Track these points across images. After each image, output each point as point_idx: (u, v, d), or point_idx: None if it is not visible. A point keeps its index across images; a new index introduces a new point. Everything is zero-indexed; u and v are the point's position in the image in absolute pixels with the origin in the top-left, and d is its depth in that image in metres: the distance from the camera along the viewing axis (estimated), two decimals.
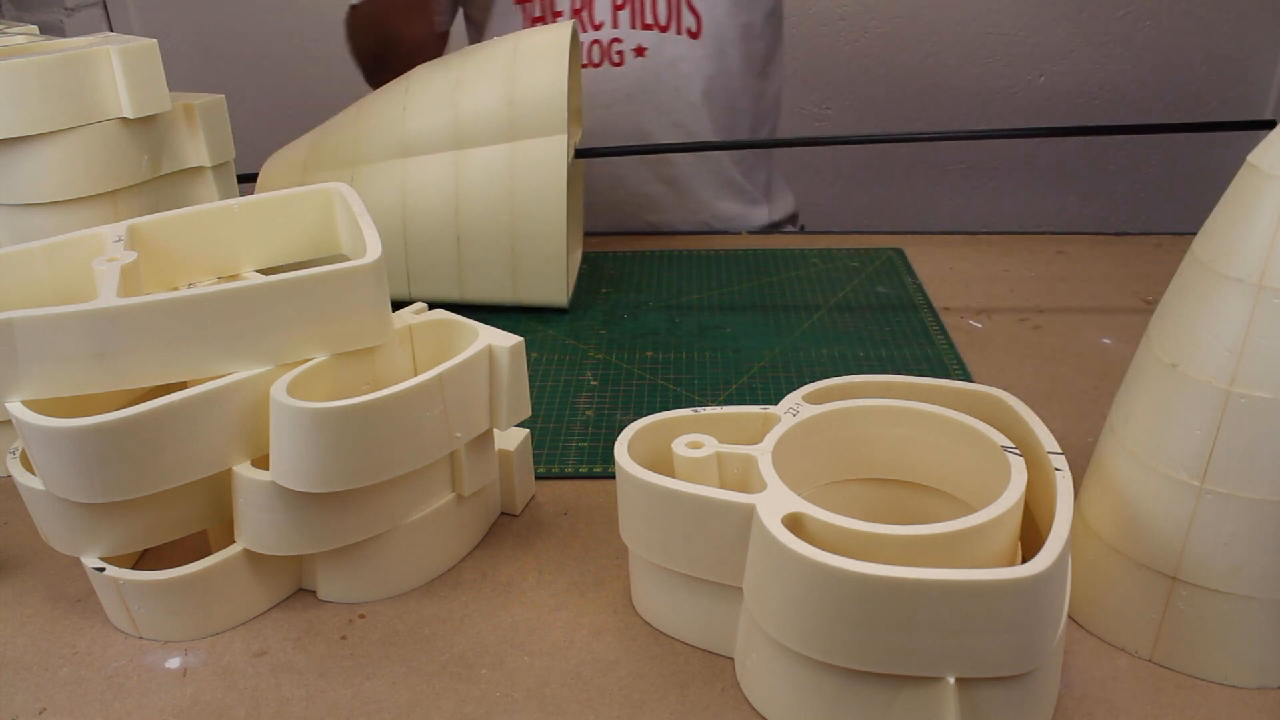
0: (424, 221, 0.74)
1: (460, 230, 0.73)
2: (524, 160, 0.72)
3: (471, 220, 0.73)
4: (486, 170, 0.72)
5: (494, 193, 0.72)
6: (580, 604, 0.48)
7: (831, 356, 0.71)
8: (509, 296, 0.76)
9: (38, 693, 0.43)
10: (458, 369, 0.46)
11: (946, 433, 0.45)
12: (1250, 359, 0.38)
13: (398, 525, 0.47)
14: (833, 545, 0.37)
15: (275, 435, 0.43)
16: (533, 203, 0.72)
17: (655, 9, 0.92)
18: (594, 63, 0.95)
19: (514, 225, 0.73)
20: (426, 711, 0.42)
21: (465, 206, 0.73)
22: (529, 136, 0.71)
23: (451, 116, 0.73)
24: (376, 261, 0.46)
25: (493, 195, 0.72)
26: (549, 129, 0.71)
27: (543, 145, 0.71)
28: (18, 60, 0.52)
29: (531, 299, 0.76)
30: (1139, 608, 0.43)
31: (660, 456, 0.45)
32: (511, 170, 0.72)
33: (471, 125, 0.72)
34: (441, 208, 0.73)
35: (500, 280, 0.75)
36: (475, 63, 0.74)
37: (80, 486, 0.42)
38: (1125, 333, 0.73)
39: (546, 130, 0.71)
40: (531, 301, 0.77)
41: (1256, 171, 0.38)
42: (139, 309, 0.43)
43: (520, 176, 0.72)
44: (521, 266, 0.74)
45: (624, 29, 0.92)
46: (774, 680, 0.40)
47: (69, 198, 0.55)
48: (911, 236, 0.93)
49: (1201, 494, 0.40)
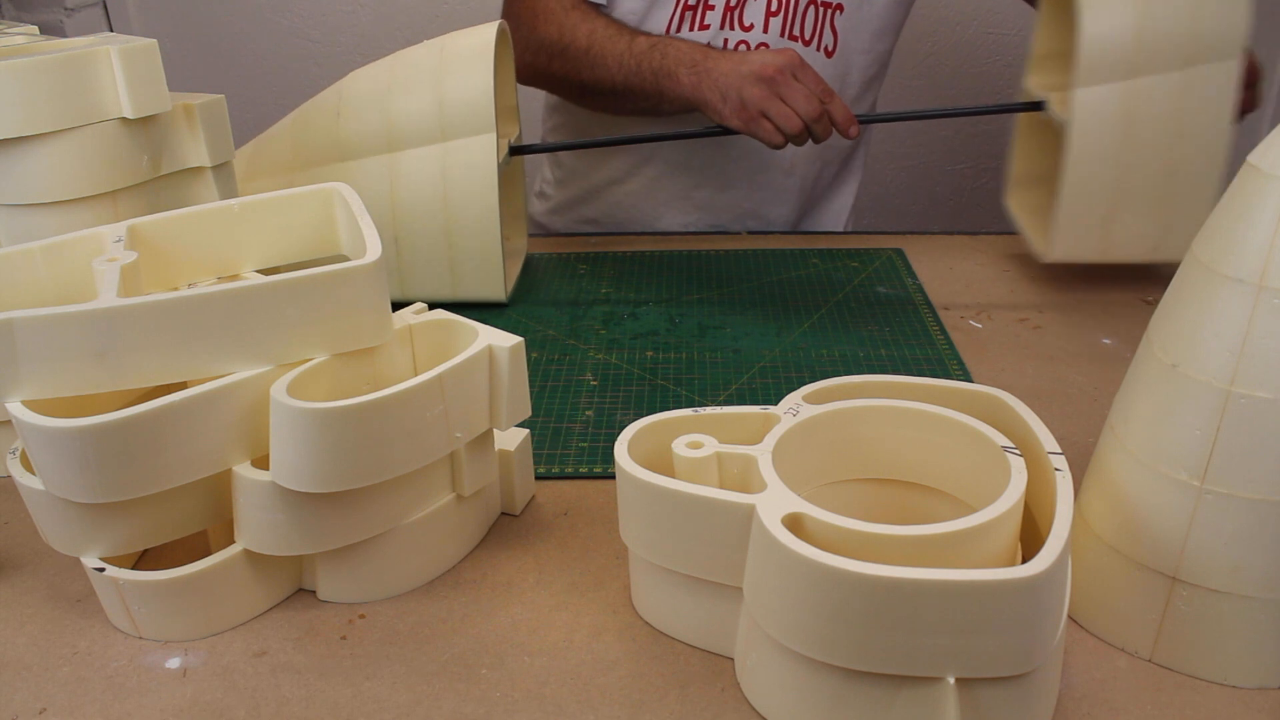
0: None
1: (398, 231, 0.75)
2: (456, 160, 0.73)
3: (408, 221, 0.75)
4: (420, 172, 0.74)
5: (428, 193, 0.74)
6: (580, 604, 0.48)
7: (831, 356, 0.71)
8: (448, 294, 0.77)
9: (38, 693, 0.43)
10: (458, 369, 0.46)
11: (946, 433, 0.45)
12: (1250, 359, 0.38)
13: (398, 525, 0.47)
14: (833, 545, 0.37)
15: (275, 435, 0.43)
16: (467, 202, 0.74)
17: (804, 22, 0.93)
18: None
19: (449, 224, 0.74)
20: (426, 711, 0.42)
21: (401, 208, 0.75)
22: (459, 137, 0.73)
23: (384, 120, 0.74)
24: (376, 261, 0.46)
25: (427, 196, 0.74)
26: (478, 129, 0.73)
27: (473, 145, 0.73)
28: (18, 60, 0.52)
29: (470, 295, 0.77)
30: (1139, 608, 0.43)
31: (660, 456, 0.45)
32: (444, 170, 0.73)
33: (404, 128, 0.74)
34: (378, 210, 0.75)
35: (439, 278, 0.77)
36: (405, 66, 0.76)
37: (80, 486, 0.42)
38: (1125, 333, 0.73)
39: (476, 130, 0.73)
40: (471, 298, 0.78)
41: (1257, 171, 0.38)
42: (139, 309, 0.43)
43: (453, 176, 0.73)
44: (459, 264, 0.76)
45: (773, 35, 0.93)
46: (774, 680, 0.40)
47: (69, 198, 0.55)
48: (911, 236, 0.93)
49: (1201, 494, 0.40)
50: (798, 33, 0.94)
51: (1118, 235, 0.73)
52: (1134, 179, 0.71)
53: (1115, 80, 0.69)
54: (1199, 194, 0.71)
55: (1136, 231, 0.73)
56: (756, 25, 0.93)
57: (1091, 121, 0.70)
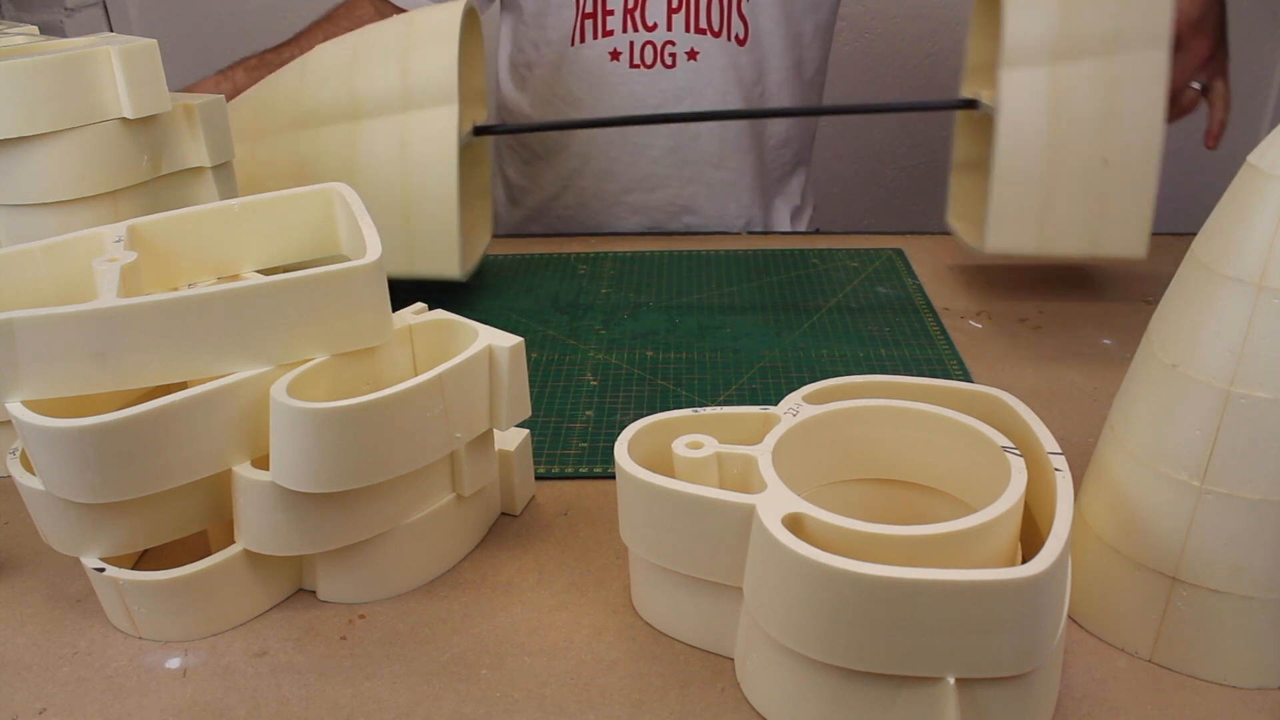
0: None
1: None
2: (416, 132, 0.73)
3: (366, 191, 0.73)
4: (381, 142, 0.73)
5: (388, 164, 0.73)
6: (580, 604, 0.48)
7: (831, 356, 0.71)
8: (405, 269, 0.76)
9: (38, 693, 0.43)
10: (458, 369, 0.46)
11: (946, 433, 0.45)
12: (1250, 359, 0.38)
13: (398, 525, 0.47)
14: (833, 545, 0.37)
15: (275, 435, 0.43)
16: (425, 174, 0.73)
17: (709, 14, 0.92)
18: (646, 64, 0.95)
19: (408, 197, 0.73)
20: (426, 711, 0.42)
21: (360, 178, 0.73)
22: (421, 108, 0.73)
23: (347, 91, 0.74)
24: (376, 261, 0.46)
25: (387, 167, 0.73)
26: (440, 100, 0.72)
27: (434, 116, 0.72)
28: (18, 60, 0.52)
29: (426, 271, 0.76)
30: (1139, 608, 0.43)
31: (660, 456, 0.45)
32: (403, 141, 0.73)
33: (366, 98, 0.73)
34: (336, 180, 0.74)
35: (395, 253, 0.75)
36: (370, 39, 0.75)
37: (80, 486, 0.42)
38: (1125, 333, 0.73)
39: (437, 101, 0.72)
40: (426, 274, 0.76)
41: (1256, 171, 0.38)
42: (139, 309, 0.43)
43: (412, 147, 0.72)
44: (415, 238, 0.74)
45: (678, 32, 0.93)
46: (774, 680, 0.40)
47: (69, 198, 0.55)
48: (911, 236, 0.93)
49: (1201, 494, 0.40)
50: (705, 25, 0.92)
51: (1054, 227, 0.72)
52: (1066, 167, 0.70)
53: (1040, 65, 0.69)
54: (1134, 187, 0.70)
55: (1073, 223, 0.71)
56: (660, 24, 0.92)
57: (1019, 104, 0.69)
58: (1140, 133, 0.69)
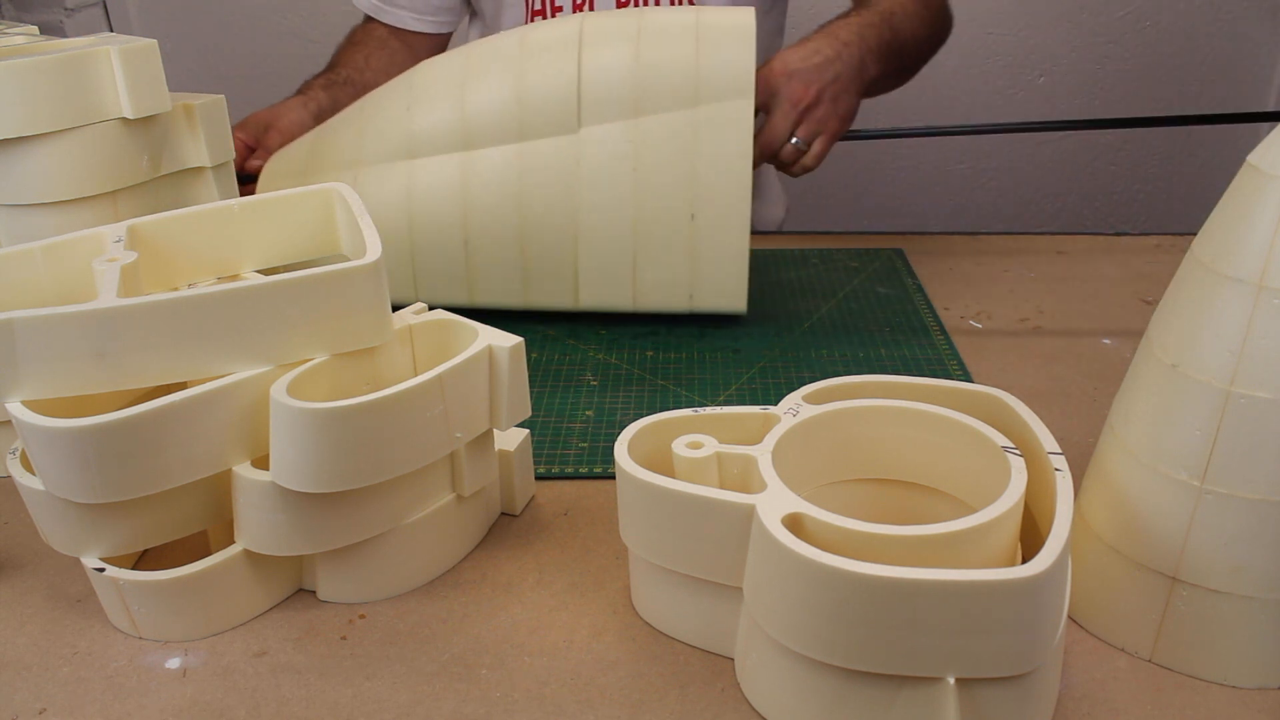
0: (431, 224, 0.72)
1: (469, 233, 0.72)
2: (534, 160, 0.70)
3: (481, 223, 0.71)
4: (496, 171, 0.71)
5: (504, 194, 0.71)
6: (580, 604, 0.48)
7: (831, 356, 0.71)
8: (518, 301, 0.75)
9: (38, 693, 0.43)
10: (458, 369, 0.46)
11: (946, 433, 0.45)
12: (1250, 359, 0.38)
13: (398, 525, 0.47)
14: (833, 545, 0.37)
15: (275, 435, 0.43)
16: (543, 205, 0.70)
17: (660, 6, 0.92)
18: None
19: (523, 228, 0.71)
20: (426, 711, 0.42)
21: (474, 209, 0.71)
22: (540, 136, 0.70)
23: (458, 115, 0.71)
24: (376, 262, 0.46)
25: (502, 196, 0.71)
26: (563, 128, 0.69)
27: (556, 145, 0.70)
28: (18, 60, 0.52)
29: (542, 304, 0.75)
30: (1139, 608, 0.43)
31: (660, 456, 0.45)
32: (521, 170, 0.70)
33: (479, 124, 0.71)
34: (449, 210, 0.72)
35: (511, 284, 0.74)
36: (481, 59, 0.72)
37: (80, 486, 0.42)
38: (1125, 333, 0.73)
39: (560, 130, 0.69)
40: (542, 306, 0.75)
41: (1256, 171, 0.38)
42: (139, 309, 0.43)
43: (530, 174, 0.70)
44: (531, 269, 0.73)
45: None
46: (774, 680, 0.40)
47: (69, 198, 0.55)
48: (911, 236, 0.93)
49: (1201, 494, 0.40)
50: None
51: (649, 281, 0.72)
52: (654, 223, 0.70)
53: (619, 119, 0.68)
54: (726, 241, 0.70)
55: (667, 278, 0.71)
56: None
57: (600, 160, 0.69)
58: (727, 185, 0.68)
